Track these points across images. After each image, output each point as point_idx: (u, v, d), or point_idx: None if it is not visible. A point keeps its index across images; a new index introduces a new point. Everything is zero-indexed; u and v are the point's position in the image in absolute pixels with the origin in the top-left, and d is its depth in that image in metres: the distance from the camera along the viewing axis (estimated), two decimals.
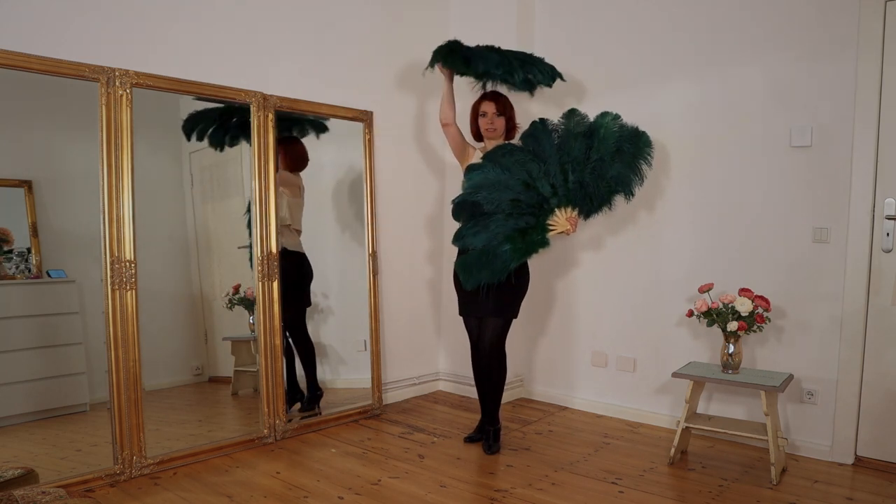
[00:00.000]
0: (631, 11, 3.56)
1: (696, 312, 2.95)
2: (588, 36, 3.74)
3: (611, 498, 2.58)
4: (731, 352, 2.90)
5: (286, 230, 3.34)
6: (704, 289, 3.01)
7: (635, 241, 3.58)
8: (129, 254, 2.69)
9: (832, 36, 2.92)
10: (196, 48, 2.98)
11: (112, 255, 2.65)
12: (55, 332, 2.84)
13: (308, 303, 3.54)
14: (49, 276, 2.79)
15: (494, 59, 3.01)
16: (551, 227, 2.89)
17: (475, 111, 3.12)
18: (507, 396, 3.60)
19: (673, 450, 2.94)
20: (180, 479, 2.71)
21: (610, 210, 2.99)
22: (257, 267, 3.13)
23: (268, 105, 3.15)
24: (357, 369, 3.71)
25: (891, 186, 2.83)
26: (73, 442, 2.82)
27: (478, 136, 3.16)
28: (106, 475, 2.64)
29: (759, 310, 2.87)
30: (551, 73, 3.17)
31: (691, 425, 2.93)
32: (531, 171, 2.89)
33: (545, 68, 3.15)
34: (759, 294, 2.90)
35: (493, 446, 3.08)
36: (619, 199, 2.96)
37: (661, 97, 3.44)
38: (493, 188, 2.88)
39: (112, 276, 2.65)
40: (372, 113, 3.67)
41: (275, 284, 3.17)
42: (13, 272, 2.72)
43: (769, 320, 2.92)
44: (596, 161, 2.88)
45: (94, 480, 2.61)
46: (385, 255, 3.83)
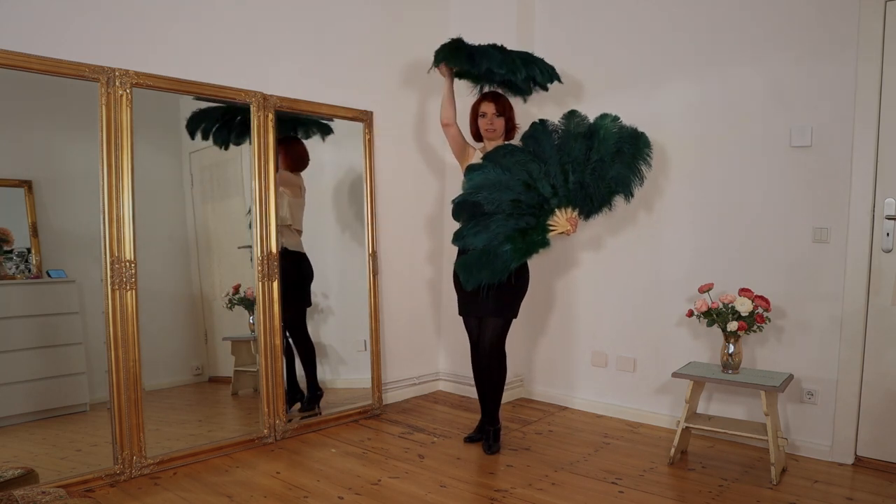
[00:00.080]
0: (631, 11, 3.56)
1: (696, 312, 2.96)
2: (588, 36, 3.74)
3: (611, 498, 2.58)
4: (731, 352, 2.90)
5: (287, 230, 3.34)
6: (704, 289, 3.01)
7: (635, 241, 3.58)
8: (129, 254, 2.69)
9: (832, 36, 2.92)
10: (196, 48, 2.98)
11: (112, 255, 2.65)
12: (55, 332, 2.84)
13: (308, 303, 3.54)
14: (49, 276, 2.79)
15: (498, 57, 3.01)
16: (552, 228, 2.89)
17: (475, 112, 3.12)
18: (507, 396, 3.60)
19: (673, 450, 2.94)
20: (180, 479, 2.71)
21: (610, 211, 3.00)
22: (257, 267, 3.13)
23: (268, 105, 3.15)
24: (357, 369, 3.71)
25: (891, 186, 2.83)
26: (73, 442, 2.82)
27: (477, 137, 3.16)
28: (106, 475, 2.64)
29: (759, 310, 2.87)
30: (551, 74, 3.17)
31: (691, 425, 2.93)
32: (532, 172, 2.89)
33: (546, 68, 3.16)
34: (759, 294, 2.90)
35: (493, 446, 3.08)
36: (618, 200, 2.97)
37: (661, 97, 3.44)
38: (493, 188, 2.88)
39: (112, 276, 2.65)
40: (372, 113, 3.67)
41: (275, 284, 3.17)
42: (13, 272, 2.72)
43: (769, 320, 2.92)
44: (596, 162, 2.88)
45: (94, 480, 2.61)
46: (385, 255, 3.83)
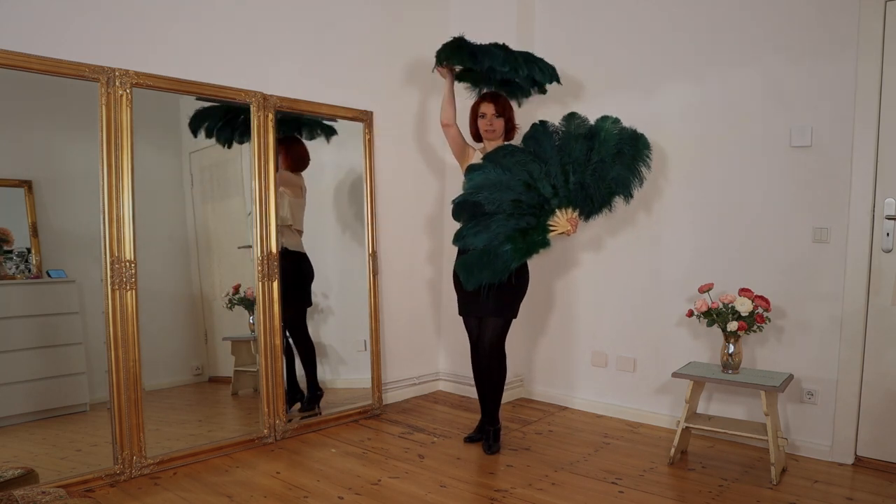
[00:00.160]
0: (631, 11, 3.56)
1: (696, 312, 2.96)
2: (588, 36, 3.74)
3: (611, 498, 2.58)
4: (731, 352, 2.90)
5: (287, 230, 3.34)
6: (704, 289, 3.01)
7: (635, 242, 3.58)
8: (129, 254, 2.69)
9: (832, 36, 2.92)
10: (196, 48, 2.98)
11: (112, 255, 2.65)
12: (55, 332, 2.84)
13: (309, 303, 3.54)
14: (49, 276, 2.79)
15: (500, 55, 3.01)
16: (552, 228, 2.89)
17: (474, 112, 3.11)
18: (507, 396, 3.60)
19: (673, 450, 2.94)
20: (180, 479, 2.71)
21: (610, 212, 3.00)
22: (257, 267, 3.13)
23: (268, 105, 3.15)
24: (357, 369, 3.71)
25: (891, 186, 2.83)
26: (73, 442, 2.82)
27: (477, 137, 3.16)
28: (106, 475, 2.64)
29: (759, 310, 2.87)
30: (551, 74, 3.17)
31: (691, 425, 2.93)
32: (532, 172, 2.89)
33: (546, 67, 3.16)
34: (759, 294, 2.90)
35: (493, 446, 3.08)
36: (618, 200, 2.97)
37: (661, 97, 3.44)
38: (494, 188, 2.88)
39: (112, 276, 2.65)
40: (372, 113, 3.67)
41: (275, 284, 3.17)
42: (13, 272, 2.72)
43: (769, 320, 2.92)
44: (597, 162, 2.89)
45: (94, 480, 2.61)
46: (385, 255, 3.83)
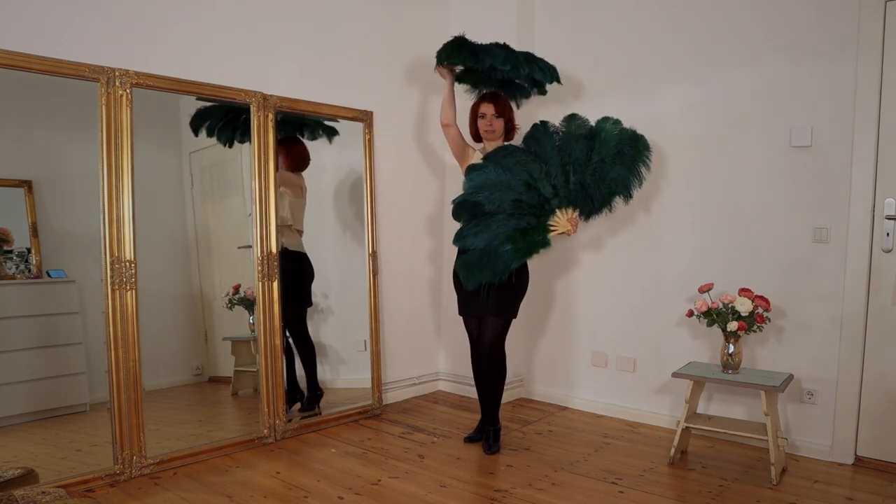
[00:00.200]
0: (631, 11, 3.56)
1: (696, 312, 2.96)
2: (588, 36, 3.74)
3: (611, 498, 2.58)
4: (731, 352, 2.90)
5: (287, 230, 3.34)
6: (704, 289, 3.01)
7: (635, 242, 3.58)
8: (129, 254, 2.69)
9: (832, 36, 2.92)
10: (196, 48, 2.98)
11: (112, 255, 2.65)
12: (55, 332, 2.84)
13: (309, 302, 3.54)
14: (49, 276, 2.79)
15: (501, 54, 3.01)
16: (552, 228, 2.89)
17: (474, 113, 3.11)
18: (507, 396, 3.60)
19: (673, 450, 2.94)
20: (180, 479, 2.71)
21: (610, 212, 3.01)
22: (257, 267, 3.13)
23: (268, 105, 3.15)
24: (357, 369, 3.71)
25: (891, 186, 2.83)
26: (73, 442, 2.82)
27: (477, 138, 3.16)
28: (106, 475, 2.64)
29: (759, 310, 2.87)
30: (551, 74, 3.17)
31: (691, 425, 2.93)
32: (532, 172, 2.89)
33: (546, 67, 3.16)
34: (759, 294, 2.90)
35: (493, 446, 3.08)
36: (618, 200, 2.97)
37: (661, 97, 3.44)
38: (494, 188, 2.88)
39: (112, 276, 2.65)
40: (372, 113, 3.67)
41: (275, 284, 3.17)
42: (13, 272, 2.72)
43: (769, 320, 2.92)
44: (597, 163, 2.89)
45: (94, 480, 2.61)
46: (385, 255, 3.83)
